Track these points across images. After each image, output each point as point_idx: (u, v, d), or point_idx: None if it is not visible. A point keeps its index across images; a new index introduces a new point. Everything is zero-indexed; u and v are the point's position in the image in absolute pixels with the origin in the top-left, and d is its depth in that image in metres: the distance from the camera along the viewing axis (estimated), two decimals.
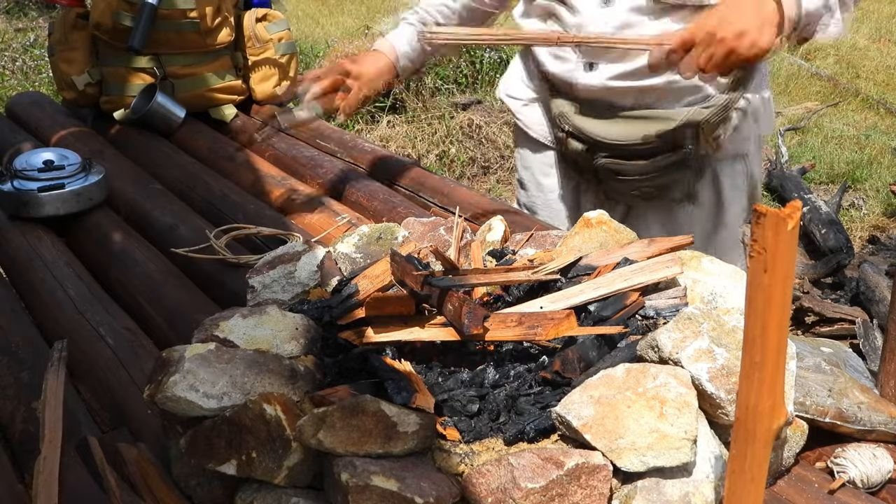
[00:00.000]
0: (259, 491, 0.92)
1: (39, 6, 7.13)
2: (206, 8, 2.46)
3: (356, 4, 7.55)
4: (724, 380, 0.94)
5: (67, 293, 1.57)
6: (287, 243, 1.44)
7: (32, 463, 1.06)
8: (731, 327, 1.01)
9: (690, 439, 0.88)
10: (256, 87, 2.68)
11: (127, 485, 1.02)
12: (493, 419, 0.97)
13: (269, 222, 1.81)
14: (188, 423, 0.97)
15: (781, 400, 0.67)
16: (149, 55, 2.48)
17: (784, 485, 1.02)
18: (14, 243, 1.79)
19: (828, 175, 4.57)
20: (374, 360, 1.03)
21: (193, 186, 2.09)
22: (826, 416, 1.09)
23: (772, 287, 0.61)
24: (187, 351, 1.00)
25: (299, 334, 1.09)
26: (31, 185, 1.86)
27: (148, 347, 1.39)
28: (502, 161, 4.89)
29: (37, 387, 1.23)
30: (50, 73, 4.54)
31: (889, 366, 1.33)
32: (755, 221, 0.59)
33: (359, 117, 5.34)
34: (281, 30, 2.67)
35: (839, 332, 3.13)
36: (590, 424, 0.90)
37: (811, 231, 3.73)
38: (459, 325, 1.04)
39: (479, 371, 1.05)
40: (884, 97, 5.54)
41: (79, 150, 2.04)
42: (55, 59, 2.56)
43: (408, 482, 0.85)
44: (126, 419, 1.23)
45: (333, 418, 0.87)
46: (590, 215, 1.34)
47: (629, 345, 1.05)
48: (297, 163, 2.19)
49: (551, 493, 0.85)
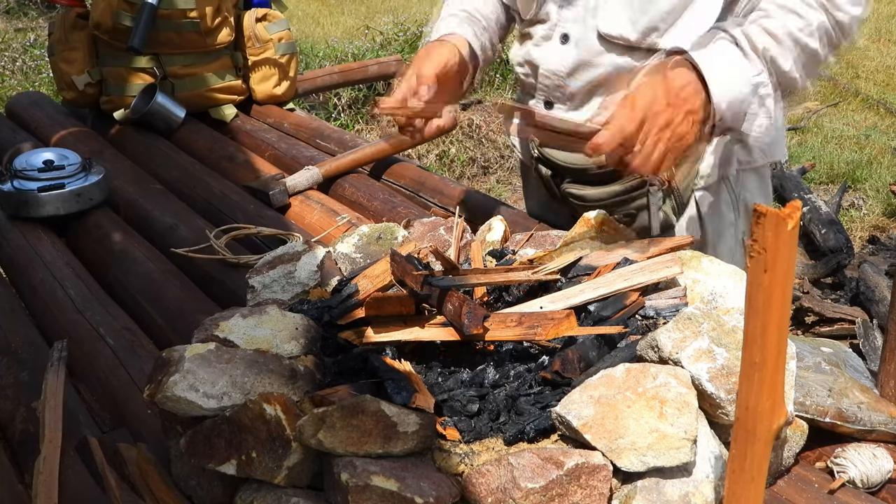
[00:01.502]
0: (259, 491, 0.92)
1: (39, 6, 7.13)
2: (206, 8, 2.46)
3: (356, 4, 7.55)
4: (724, 380, 0.94)
5: (67, 293, 1.57)
6: (287, 243, 1.44)
7: (32, 463, 1.06)
8: (731, 327, 1.01)
9: (690, 439, 0.88)
10: (256, 87, 2.68)
11: (127, 485, 1.02)
12: (493, 419, 0.97)
13: (269, 222, 1.81)
14: (188, 423, 0.97)
15: (781, 400, 0.67)
16: (149, 55, 2.48)
17: (784, 485, 1.02)
18: (14, 243, 1.79)
19: (828, 175, 4.57)
20: (374, 359, 1.03)
21: (193, 186, 2.09)
22: (826, 416, 1.09)
23: (772, 287, 0.61)
24: (187, 351, 1.00)
25: (299, 334, 1.09)
26: (31, 185, 1.86)
27: (148, 347, 1.39)
28: (502, 161, 4.89)
29: (37, 387, 1.23)
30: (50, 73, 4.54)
31: (889, 366, 1.33)
32: (755, 221, 0.59)
33: (359, 117, 5.34)
34: (281, 30, 2.67)
35: (839, 332, 3.13)
36: (590, 424, 0.90)
37: (811, 231, 3.73)
38: (459, 324, 1.04)
39: (479, 371, 1.05)
40: (884, 97, 5.54)
41: (79, 150, 2.04)
42: (55, 59, 2.56)
43: (408, 482, 0.85)
44: (126, 419, 1.23)
45: (333, 418, 0.87)
46: (589, 215, 1.34)
47: (629, 345, 1.05)
48: (297, 163, 2.19)
49: (551, 493, 0.85)
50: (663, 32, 1.40)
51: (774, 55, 1.25)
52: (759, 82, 1.24)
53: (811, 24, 1.26)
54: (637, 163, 1.18)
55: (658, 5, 1.38)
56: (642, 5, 1.39)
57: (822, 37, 1.28)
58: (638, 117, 1.16)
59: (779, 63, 1.25)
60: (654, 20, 1.39)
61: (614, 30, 1.42)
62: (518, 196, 4.51)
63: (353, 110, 5.36)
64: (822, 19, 1.27)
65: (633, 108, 1.17)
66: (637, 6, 1.39)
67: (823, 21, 1.27)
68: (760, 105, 1.24)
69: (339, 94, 5.26)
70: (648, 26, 1.40)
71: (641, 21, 1.40)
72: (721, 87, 1.19)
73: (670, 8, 1.38)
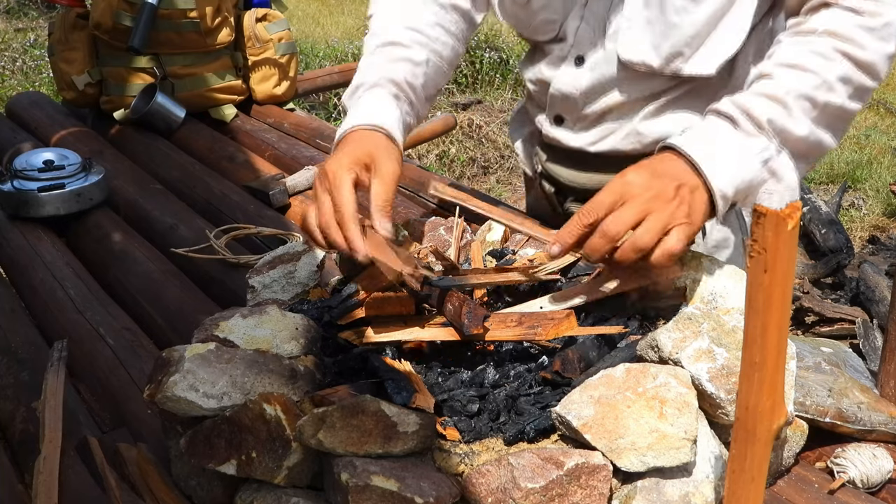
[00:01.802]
0: (259, 491, 0.92)
1: (39, 6, 7.13)
2: (206, 8, 2.46)
3: (356, 4, 7.55)
4: (724, 380, 0.94)
5: (67, 293, 1.57)
6: (287, 243, 1.44)
7: (32, 463, 1.06)
8: (731, 327, 1.01)
9: (690, 439, 0.88)
10: (256, 87, 2.68)
11: (127, 485, 1.02)
12: (493, 419, 0.97)
13: (269, 222, 1.81)
14: (188, 423, 0.97)
15: (781, 400, 0.66)
16: (149, 55, 2.48)
17: (784, 485, 1.02)
18: (14, 243, 1.79)
19: (828, 175, 4.57)
20: (374, 359, 1.03)
21: (193, 186, 2.09)
22: (826, 416, 1.09)
23: (772, 287, 0.61)
24: (187, 351, 1.00)
25: (299, 334, 1.09)
26: (31, 185, 1.86)
27: (148, 347, 1.39)
28: (502, 161, 4.89)
29: (37, 387, 1.23)
30: (50, 73, 4.54)
31: (889, 366, 1.33)
32: (755, 221, 0.59)
33: None
34: (281, 30, 2.67)
35: (839, 332, 3.14)
36: (590, 424, 0.90)
37: (811, 231, 3.74)
38: (459, 325, 1.04)
39: (479, 371, 1.05)
40: (884, 97, 5.54)
41: (79, 150, 2.04)
42: (55, 59, 2.56)
43: (408, 482, 0.85)
44: (126, 419, 1.23)
45: (333, 418, 0.87)
46: None
47: (629, 345, 1.05)
48: (297, 163, 2.19)
49: (551, 493, 0.85)
50: (688, 58, 1.32)
51: (784, 125, 1.12)
52: (768, 157, 1.11)
53: (828, 79, 1.13)
54: (629, 244, 1.02)
55: (682, 29, 1.29)
56: (664, 30, 1.30)
57: (845, 89, 1.14)
58: (615, 190, 1.03)
59: (791, 131, 1.12)
60: (677, 45, 1.31)
61: (636, 56, 1.33)
62: (518, 196, 4.52)
63: None
64: (842, 70, 1.13)
65: (607, 191, 1.04)
66: (659, 31, 1.30)
67: (845, 71, 1.14)
68: (772, 175, 1.13)
69: (339, 94, 5.26)
70: (672, 52, 1.32)
71: (664, 46, 1.31)
72: (722, 177, 1.07)
73: (694, 32, 1.29)
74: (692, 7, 1.28)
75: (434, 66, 1.42)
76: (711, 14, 1.28)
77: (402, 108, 1.32)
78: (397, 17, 1.41)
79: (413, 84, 1.36)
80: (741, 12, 1.29)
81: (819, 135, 1.16)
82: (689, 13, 1.28)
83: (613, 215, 1.02)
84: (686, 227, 1.03)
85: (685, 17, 1.28)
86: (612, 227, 1.02)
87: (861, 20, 1.15)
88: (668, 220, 1.02)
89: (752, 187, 1.11)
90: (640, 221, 1.02)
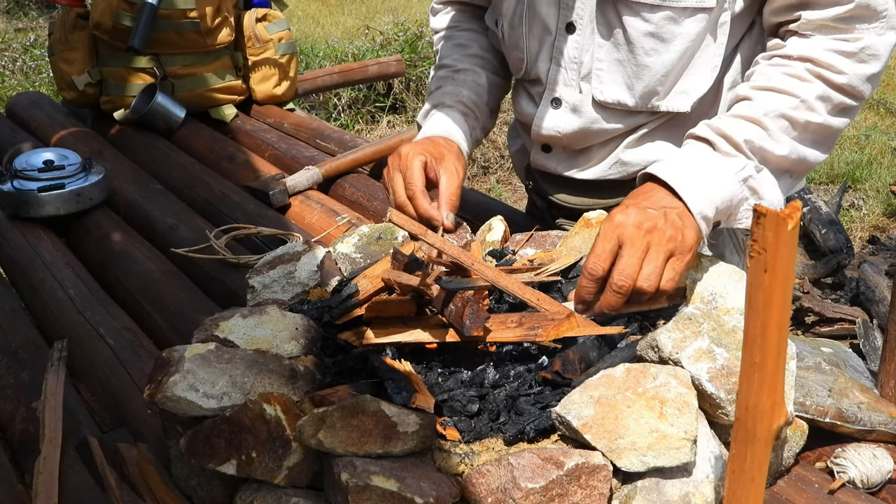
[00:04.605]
0: (259, 491, 0.92)
1: (39, 6, 7.14)
2: (206, 8, 2.46)
3: (356, 4, 7.55)
4: (724, 380, 0.94)
5: (67, 293, 1.57)
6: (287, 243, 1.44)
7: (32, 463, 1.06)
8: (731, 327, 1.01)
9: (690, 439, 0.88)
10: (256, 87, 2.68)
11: (127, 485, 1.02)
12: (493, 419, 0.97)
13: (269, 222, 1.81)
14: (188, 423, 0.97)
15: (781, 400, 0.66)
16: (149, 55, 2.49)
17: (784, 485, 1.02)
18: (14, 243, 1.79)
19: (828, 175, 4.57)
20: (374, 359, 1.03)
21: (193, 186, 2.09)
22: (826, 416, 1.09)
23: (772, 287, 0.61)
24: (187, 351, 1.00)
25: (299, 334, 1.09)
26: (31, 185, 1.86)
27: (148, 347, 1.39)
28: (502, 161, 4.89)
29: (37, 387, 1.23)
30: (50, 73, 4.54)
31: (889, 366, 1.33)
32: (755, 221, 0.59)
33: (359, 117, 5.34)
34: (281, 30, 2.67)
35: (839, 332, 3.13)
36: (590, 424, 0.90)
37: (811, 231, 3.73)
38: (460, 325, 1.04)
39: (479, 371, 1.05)
40: (884, 97, 5.54)
41: (79, 150, 2.04)
42: (55, 59, 2.56)
43: (408, 482, 0.85)
44: (126, 419, 1.23)
45: (333, 418, 0.87)
46: (590, 215, 1.34)
47: (629, 345, 1.05)
48: (297, 163, 2.19)
49: (551, 493, 0.85)
50: (664, 95, 1.34)
51: (762, 145, 1.16)
52: (747, 175, 1.14)
53: (806, 99, 1.16)
54: (637, 291, 1.05)
55: (653, 70, 1.31)
56: (636, 71, 1.32)
57: (825, 107, 1.18)
58: (610, 236, 1.06)
59: (770, 150, 1.16)
60: (651, 84, 1.33)
61: (611, 97, 1.36)
62: (518, 196, 4.51)
63: (353, 110, 5.36)
64: (819, 90, 1.17)
65: (603, 238, 1.07)
66: (631, 72, 1.33)
67: (823, 91, 1.17)
68: (753, 193, 1.16)
69: (339, 94, 5.26)
70: (646, 91, 1.34)
71: (638, 87, 1.33)
72: (700, 198, 1.09)
73: (665, 72, 1.31)
74: (661, 48, 1.29)
75: (495, 82, 1.57)
76: (681, 53, 1.30)
77: (469, 122, 1.50)
78: (459, 47, 1.58)
79: (478, 102, 1.52)
80: (712, 50, 1.31)
81: (802, 152, 1.19)
82: (658, 54, 1.30)
83: (618, 269, 1.05)
84: (677, 260, 1.07)
85: (656, 57, 1.30)
86: (621, 281, 1.05)
87: (837, 45, 1.17)
88: (667, 250, 1.06)
89: (732, 206, 1.14)
90: (643, 260, 1.05)
